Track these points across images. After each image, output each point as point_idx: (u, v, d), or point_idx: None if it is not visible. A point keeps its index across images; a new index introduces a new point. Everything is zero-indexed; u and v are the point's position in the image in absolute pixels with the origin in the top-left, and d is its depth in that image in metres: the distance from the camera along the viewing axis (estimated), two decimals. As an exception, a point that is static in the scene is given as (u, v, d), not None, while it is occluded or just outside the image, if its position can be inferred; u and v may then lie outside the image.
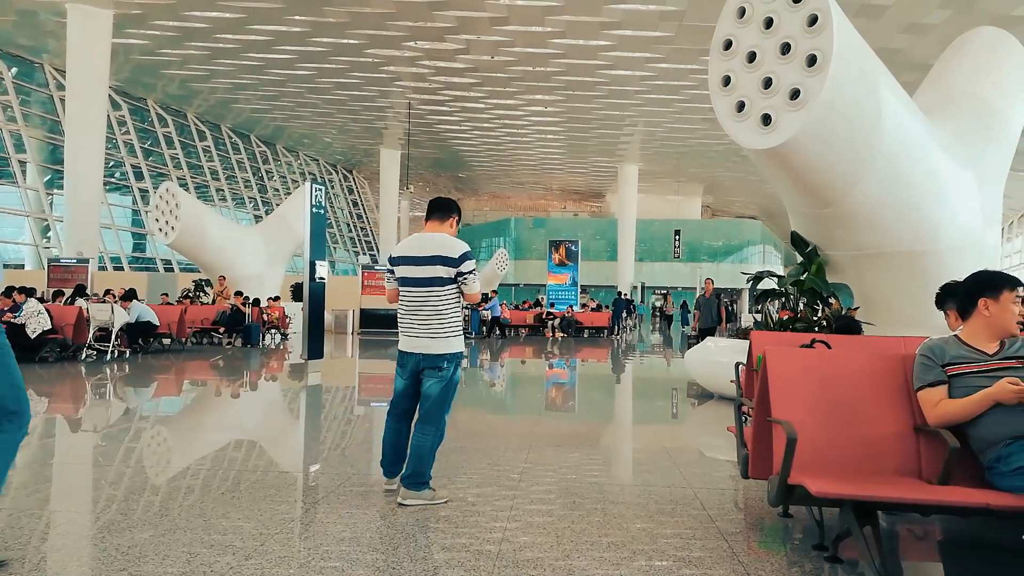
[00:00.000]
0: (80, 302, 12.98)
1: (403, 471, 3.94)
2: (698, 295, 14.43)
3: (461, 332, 4.05)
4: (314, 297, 12.64)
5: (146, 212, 27.97)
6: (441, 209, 4.19)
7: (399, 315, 4.06)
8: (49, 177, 25.64)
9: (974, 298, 3.05)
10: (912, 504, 2.80)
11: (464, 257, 3.95)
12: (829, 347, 4.40)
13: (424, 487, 3.90)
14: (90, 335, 11.87)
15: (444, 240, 4.00)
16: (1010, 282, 3.01)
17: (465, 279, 3.95)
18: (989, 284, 3.04)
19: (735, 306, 29.72)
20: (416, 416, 4.06)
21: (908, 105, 7.38)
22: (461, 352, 4.03)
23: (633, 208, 37.83)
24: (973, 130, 8.43)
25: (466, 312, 20.86)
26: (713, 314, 13.21)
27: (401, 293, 4.04)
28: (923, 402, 3.03)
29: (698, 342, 11.65)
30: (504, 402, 9.15)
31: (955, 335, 3.14)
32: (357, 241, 47.00)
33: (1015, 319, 2.99)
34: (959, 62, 9.19)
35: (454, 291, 3.97)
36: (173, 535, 3.25)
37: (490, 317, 20.92)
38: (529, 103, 28.07)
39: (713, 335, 12.10)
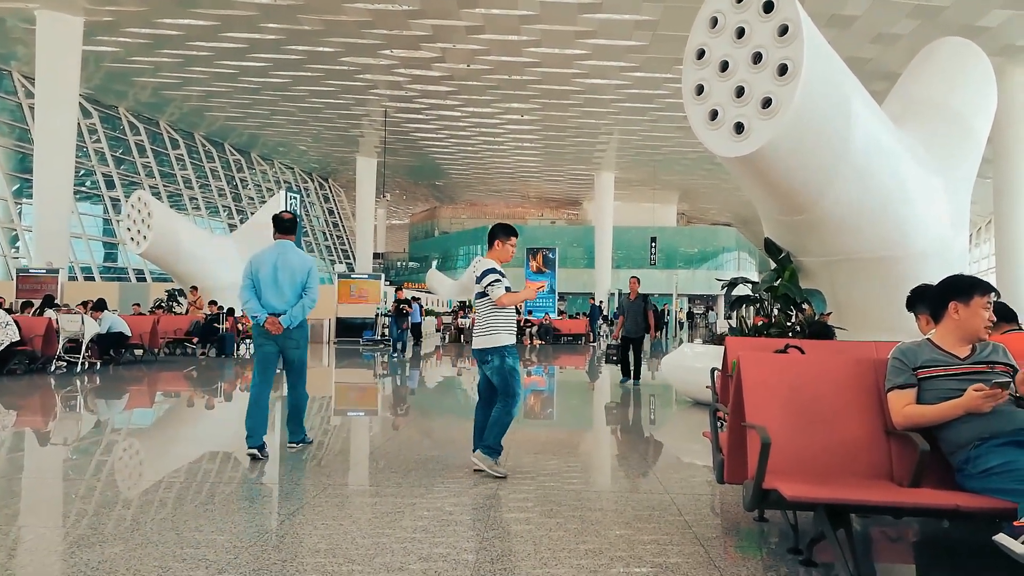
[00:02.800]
0: (49, 313, 12.75)
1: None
2: (621, 297, 12.49)
3: (503, 331, 4.92)
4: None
5: (118, 221, 27.59)
6: (488, 240, 5.20)
7: None
8: (18, 186, 25.21)
9: (945, 301, 3.10)
10: (884, 507, 2.84)
11: (484, 274, 4.92)
12: (803, 352, 4.46)
13: (490, 455, 4.75)
14: (60, 347, 11.66)
15: (481, 262, 5.06)
16: (981, 287, 3.04)
17: (485, 290, 4.91)
18: (960, 288, 3.08)
19: (713, 312, 29.53)
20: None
21: (877, 113, 7.51)
22: (505, 346, 4.90)
23: (610, 215, 38.09)
24: (940, 138, 8.61)
25: (385, 320, 20.73)
26: (639, 320, 10.90)
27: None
28: (891, 403, 3.07)
29: (619, 354, 11.04)
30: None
31: (927, 339, 3.18)
32: (333, 249, 46.73)
33: (984, 324, 3.03)
34: (926, 72, 9.38)
35: (489, 301, 4.93)
36: (144, 549, 3.20)
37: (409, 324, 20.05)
38: (505, 111, 28.18)
39: (641, 345, 11.11)
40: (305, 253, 5.83)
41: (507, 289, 4.90)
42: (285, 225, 5.65)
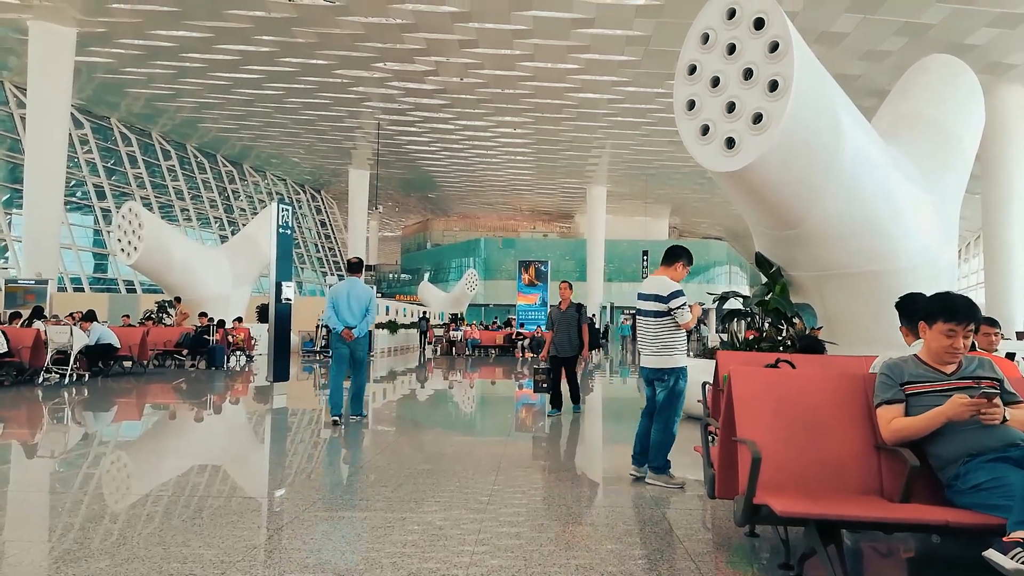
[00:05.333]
0: (38, 324, 12.66)
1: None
2: (550, 308, 9.20)
3: (679, 352, 5.04)
4: (280, 318, 12.49)
5: (108, 232, 27.48)
6: (666, 257, 5.37)
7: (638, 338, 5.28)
8: (8, 196, 25.09)
9: (917, 319, 3.14)
10: (874, 523, 2.84)
11: (673, 295, 4.99)
12: (793, 367, 4.47)
13: (660, 472, 4.93)
14: (48, 358, 11.57)
15: (662, 281, 5.10)
16: (946, 314, 3.02)
17: (673, 312, 4.99)
18: (928, 310, 3.11)
19: (705, 324, 29.21)
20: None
21: (867, 129, 7.57)
22: (683, 367, 5.06)
23: (602, 229, 38.21)
24: (929, 154, 8.67)
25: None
26: (572, 336, 8.72)
27: (636, 322, 5.28)
28: (880, 419, 3.08)
29: (549, 379, 8.72)
30: (473, 424, 9.09)
31: (914, 355, 3.20)
32: (325, 261, 46.66)
33: (944, 351, 3.04)
34: (915, 88, 9.46)
35: (669, 321, 5.02)
36: (131, 564, 3.17)
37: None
38: (498, 124, 28.30)
39: (574, 366, 8.99)
40: (367, 286, 8.15)
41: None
42: (353, 266, 8.21)
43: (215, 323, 16.07)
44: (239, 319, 18.36)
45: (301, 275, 41.41)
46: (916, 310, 3.16)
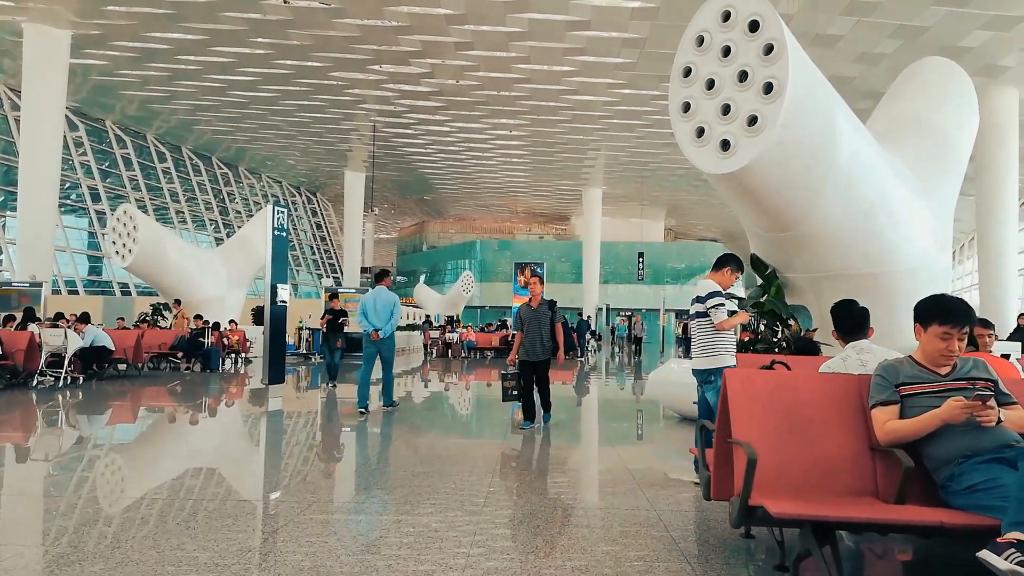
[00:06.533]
0: (32, 327, 12.61)
1: None
2: (521, 307, 8.16)
3: (726, 353, 5.09)
4: (275, 321, 12.47)
5: (103, 234, 27.41)
6: (716, 263, 5.48)
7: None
8: (2, 199, 25.01)
9: (914, 321, 3.14)
10: (868, 523, 2.84)
11: (710, 295, 5.11)
12: (789, 368, 4.48)
13: None
14: (42, 361, 11.53)
15: (705, 284, 5.24)
16: (941, 316, 3.03)
17: (707, 311, 5.10)
18: (923, 313, 3.12)
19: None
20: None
21: (862, 132, 7.59)
22: (728, 367, 4.83)
23: (597, 231, 38.22)
24: (924, 156, 8.70)
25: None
26: (545, 337, 7.79)
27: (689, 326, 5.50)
28: (874, 420, 3.09)
29: (519, 386, 7.84)
30: (469, 425, 9.09)
31: (909, 356, 3.21)
32: (321, 264, 46.60)
33: (940, 353, 3.05)
34: (910, 91, 9.49)
35: (709, 322, 5.12)
36: (125, 568, 3.15)
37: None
38: (494, 127, 28.30)
39: (546, 371, 7.93)
40: (391, 292, 9.11)
41: (728, 314, 5.22)
42: (379, 276, 9.42)
43: (210, 326, 16.03)
44: (234, 321, 18.33)
45: (297, 277, 41.34)
46: (915, 313, 3.17)
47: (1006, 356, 6.22)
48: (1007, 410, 2.98)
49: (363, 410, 8.60)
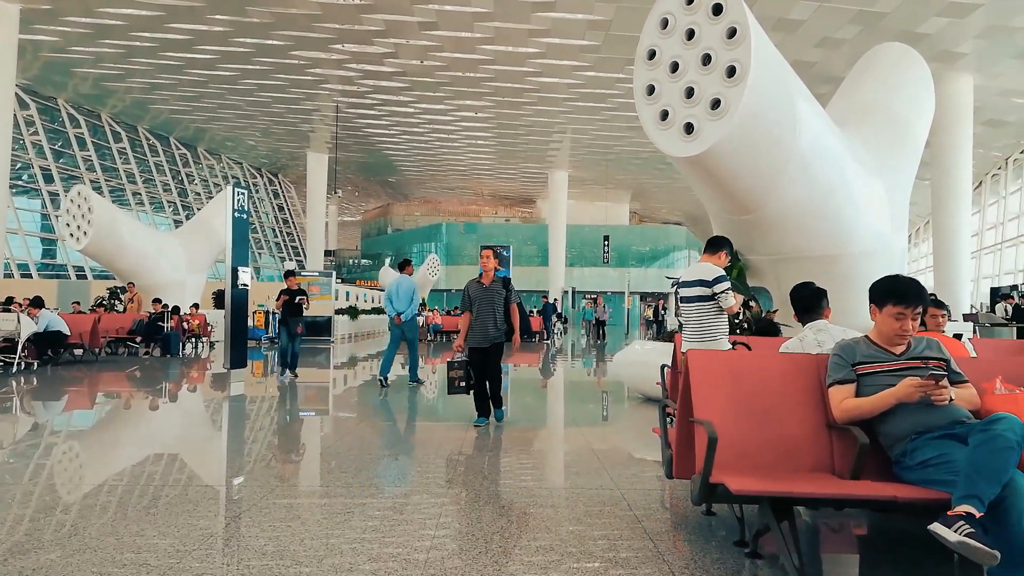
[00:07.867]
0: (-17, 311, 12.24)
1: None
2: (470, 283, 7.19)
3: (722, 336, 5.03)
4: (237, 304, 12.28)
5: (56, 216, 26.65)
6: (710, 245, 5.37)
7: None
8: (-52, 179, 24.09)
9: (869, 301, 3.22)
10: (825, 499, 2.91)
11: (718, 280, 5.02)
12: (749, 349, 4.55)
13: None
14: (-6, 346, 11.21)
15: (706, 267, 5.15)
16: (895, 297, 3.10)
17: (718, 297, 5.02)
18: (878, 293, 3.19)
19: (665, 308, 28.98)
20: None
21: (822, 116, 7.71)
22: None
23: (563, 214, 38.28)
24: (882, 140, 8.88)
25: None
26: (498, 319, 6.81)
27: (680, 309, 5.24)
28: (831, 398, 3.16)
29: (468, 376, 6.72)
30: (434, 408, 9.08)
31: (866, 336, 3.28)
32: (283, 247, 45.95)
33: (894, 333, 3.12)
34: (868, 76, 9.66)
35: (712, 306, 5.06)
36: (83, 555, 3.10)
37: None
38: (459, 108, 28.09)
39: (498, 359, 6.82)
40: (412, 280, 10.15)
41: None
42: (402, 265, 10.28)
43: (169, 309, 15.73)
44: (195, 305, 18.01)
45: (259, 260, 40.74)
46: (869, 294, 3.24)
47: (958, 336, 6.40)
48: (958, 388, 3.07)
49: (383, 380, 9.80)
